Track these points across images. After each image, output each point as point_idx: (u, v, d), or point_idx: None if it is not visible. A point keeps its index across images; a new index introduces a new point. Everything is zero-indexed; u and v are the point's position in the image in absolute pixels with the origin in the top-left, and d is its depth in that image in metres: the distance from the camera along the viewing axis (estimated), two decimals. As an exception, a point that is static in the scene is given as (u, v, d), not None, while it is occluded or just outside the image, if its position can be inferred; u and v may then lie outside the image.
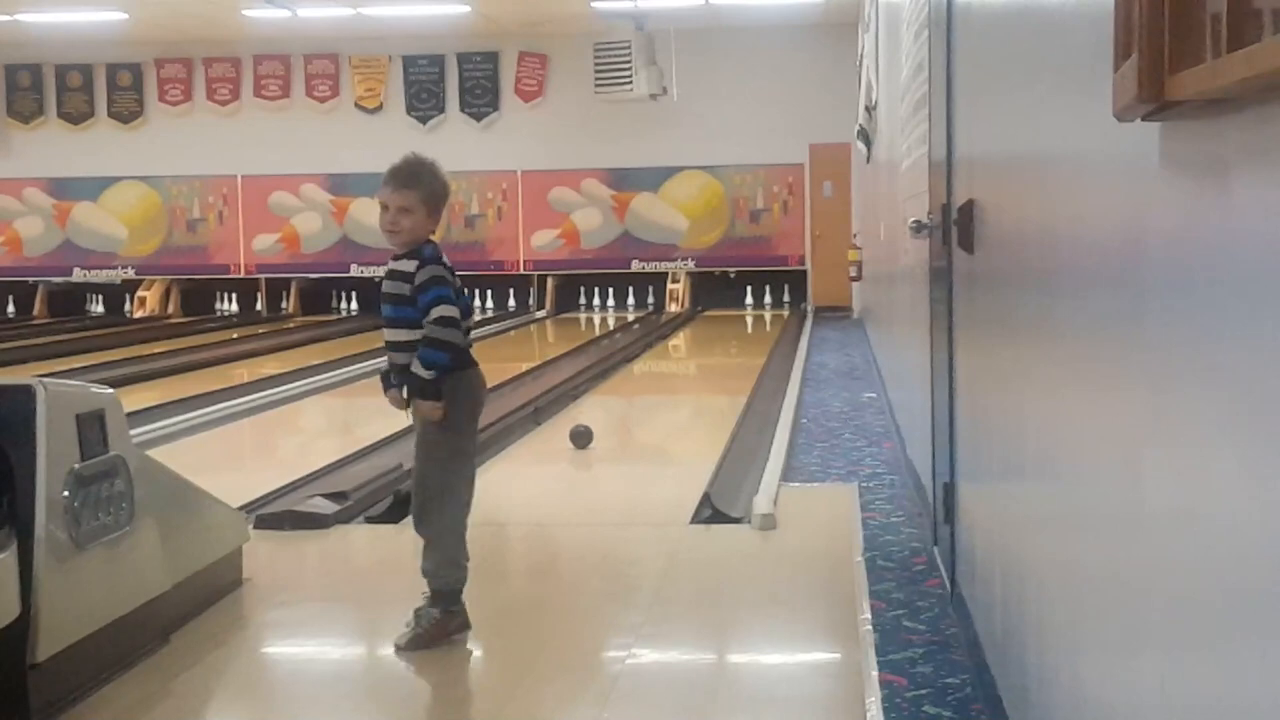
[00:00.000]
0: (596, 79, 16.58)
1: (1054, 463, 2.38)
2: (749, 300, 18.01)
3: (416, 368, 3.61)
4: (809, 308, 17.45)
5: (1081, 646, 2.15)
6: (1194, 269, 1.45)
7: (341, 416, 9.21)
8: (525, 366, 11.08)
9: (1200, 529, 1.43)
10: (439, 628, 3.67)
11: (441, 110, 18.14)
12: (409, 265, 3.67)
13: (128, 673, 3.43)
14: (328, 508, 5.27)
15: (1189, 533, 1.48)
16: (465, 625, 3.73)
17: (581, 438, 7.09)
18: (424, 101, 18.14)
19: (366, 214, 17.88)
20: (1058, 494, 2.36)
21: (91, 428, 3.39)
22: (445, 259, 3.72)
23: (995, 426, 3.18)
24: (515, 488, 6.27)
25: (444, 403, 3.63)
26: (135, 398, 8.07)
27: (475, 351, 3.83)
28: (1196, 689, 1.46)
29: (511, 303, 18.22)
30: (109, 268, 18.62)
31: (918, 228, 4.73)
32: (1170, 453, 1.56)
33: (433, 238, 3.78)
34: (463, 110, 18.12)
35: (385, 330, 3.76)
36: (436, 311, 3.61)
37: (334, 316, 17.76)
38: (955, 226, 3.81)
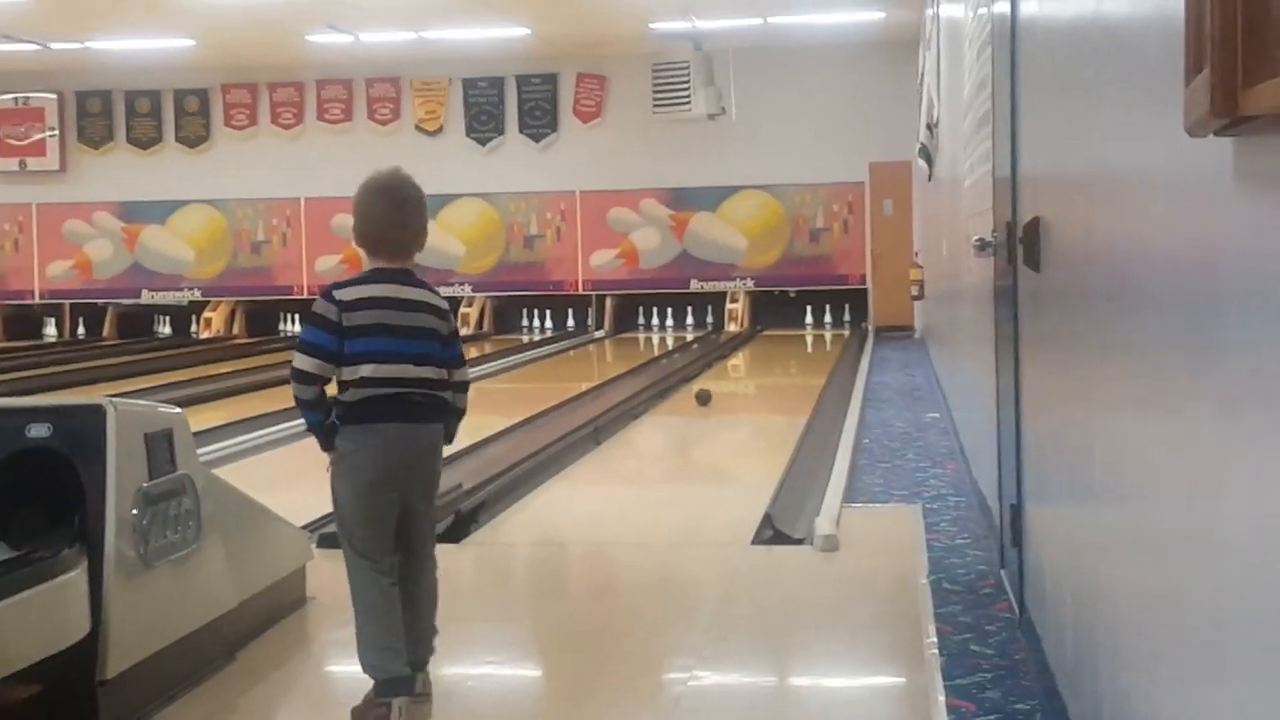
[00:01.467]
0: (655, 99, 16.62)
1: (1125, 484, 2.34)
2: (809, 320, 17.94)
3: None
4: (870, 327, 17.34)
5: (1156, 672, 2.11)
6: (1268, 286, 1.42)
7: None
8: (584, 386, 11.10)
9: (1278, 552, 1.40)
10: (358, 711, 3.25)
11: (501, 132, 18.25)
12: (433, 296, 3.44)
13: (194, 689, 3.46)
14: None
15: (1266, 556, 1.45)
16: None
17: (704, 397, 8.09)
18: (483, 123, 18.26)
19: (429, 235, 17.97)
20: (1129, 516, 2.32)
21: (159, 447, 3.43)
22: (330, 292, 3.27)
23: (1064, 447, 3.14)
24: (575, 507, 6.27)
25: (330, 460, 3.29)
26: (202, 417, 8.16)
27: (536, 371, 3.71)
28: (1277, 718, 1.43)
29: (570, 323, 18.26)
30: (176, 289, 18.87)
31: (981, 246, 4.69)
32: (1245, 474, 1.53)
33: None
34: (522, 131, 18.22)
35: (411, 368, 3.28)
36: (466, 374, 3.46)
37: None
38: (1020, 244, 3.77)
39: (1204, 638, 1.77)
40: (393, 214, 3.32)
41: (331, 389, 3.29)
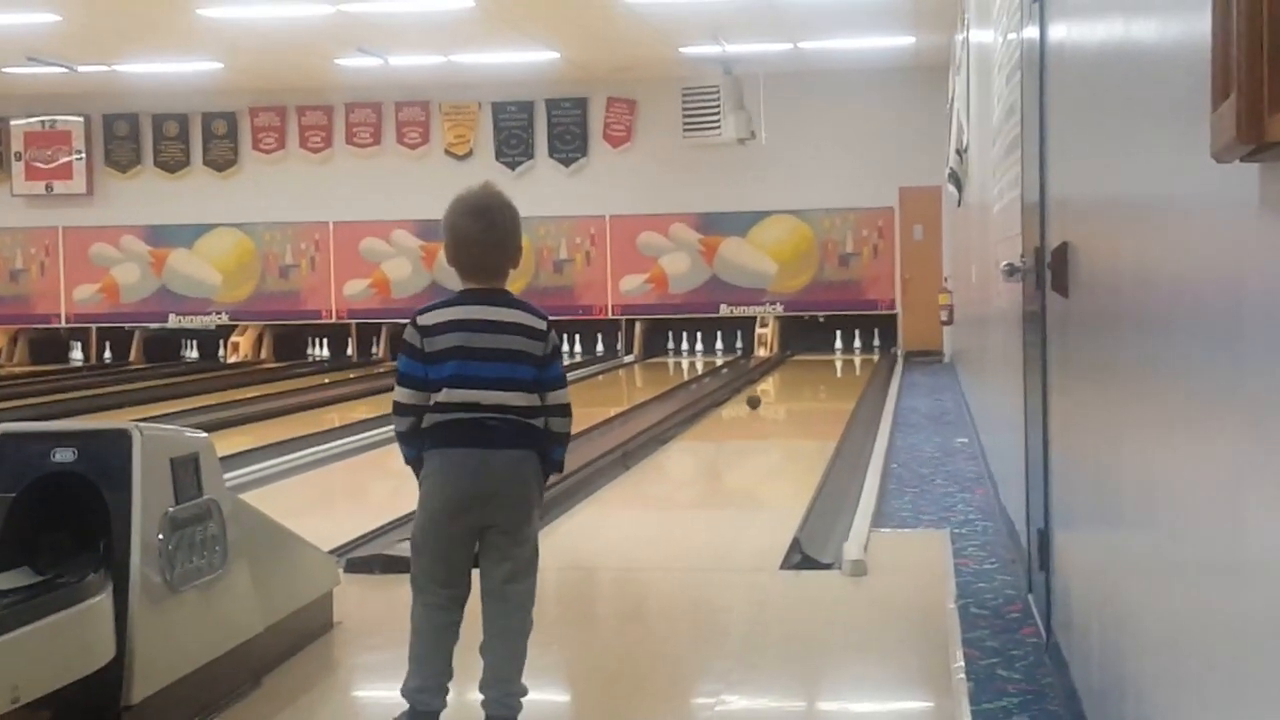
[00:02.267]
0: (685, 123, 16.66)
1: (1154, 509, 2.32)
2: (838, 344, 17.90)
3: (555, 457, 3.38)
4: (899, 352, 17.30)
5: (1184, 699, 2.09)
6: (1298, 312, 1.41)
7: (431, 460, 9.23)
8: (614, 411, 11.10)
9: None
10: None
11: (530, 156, 18.32)
12: (528, 317, 3.30)
13: (220, 715, 3.46)
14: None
15: (1297, 584, 1.43)
16: None
17: (754, 402, 8.18)
18: (513, 147, 18.34)
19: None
20: (1158, 541, 2.30)
21: (186, 471, 3.45)
22: (415, 317, 3.21)
23: (1092, 472, 3.12)
24: (604, 532, 6.26)
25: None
26: (229, 442, 8.20)
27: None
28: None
29: (600, 347, 18.28)
30: (203, 314, 18.99)
31: (1010, 271, 4.67)
32: (1271, 499, 1.51)
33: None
34: (551, 156, 18.29)
35: (489, 394, 3.18)
36: (563, 396, 3.31)
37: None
38: (1049, 270, 3.76)
39: (1230, 664, 1.75)
40: (484, 233, 3.21)
41: None
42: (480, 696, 3.25)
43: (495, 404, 3.13)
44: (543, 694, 3.93)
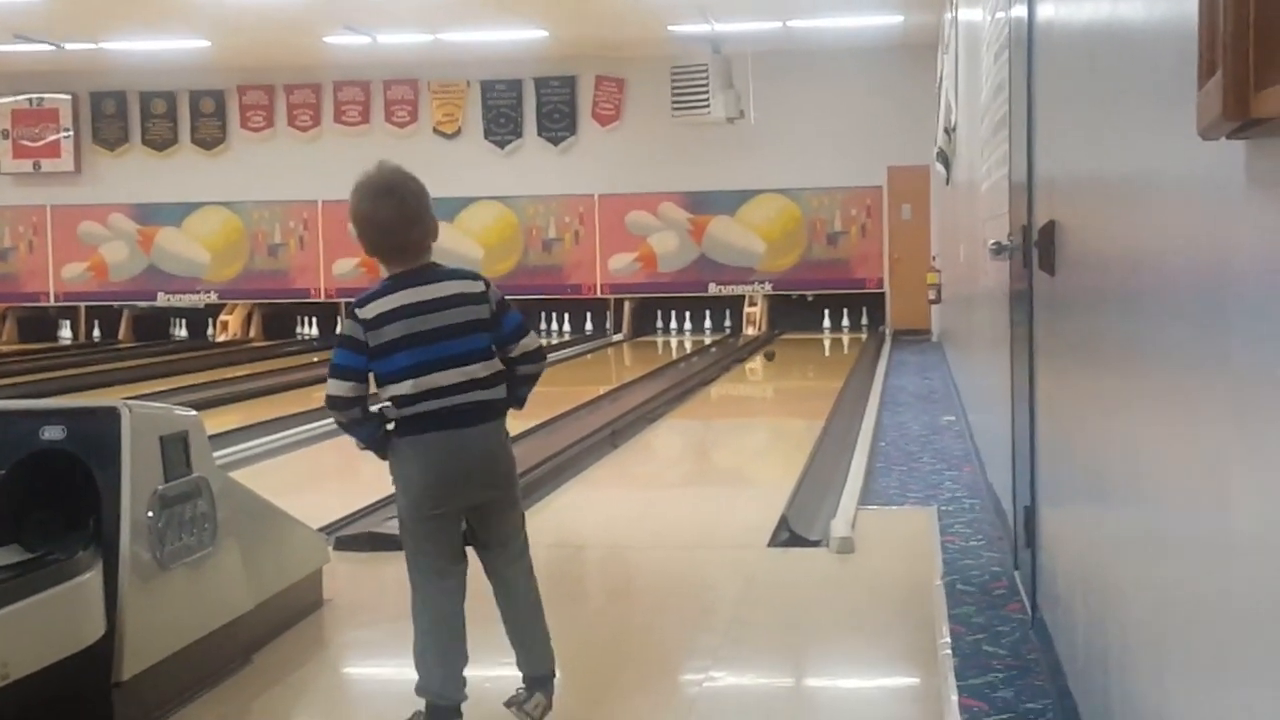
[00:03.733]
0: (673, 102, 16.62)
1: (1138, 486, 2.34)
2: (827, 323, 17.92)
3: (519, 402, 3.30)
4: (887, 331, 17.33)
5: (1167, 673, 2.11)
6: (1278, 289, 1.42)
7: (420, 439, 9.24)
8: (602, 389, 11.11)
9: (1290, 555, 1.40)
10: None
11: (519, 134, 18.28)
12: (468, 284, 3.24)
13: (210, 692, 3.47)
14: (406, 529, 5.29)
15: (1276, 557, 1.44)
16: None
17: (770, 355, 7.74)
18: (502, 126, 18.30)
19: (445, 238, 18.04)
20: (1142, 518, 2.32)
21: (175, 449, 3.45)
22: (353, 310, 3.13)
23: (1077, 450, 3.14)
24: (592, 510, 6.28)
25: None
26: (218, 420, 8.20)
27: (554, 374, 3.60)
28: (1288, 719, 1.42)
29: (589, 326, 18.28)
30: (192, 292, 18.94)
31: (998, 249, 4.68)
32: (1257, 476, 1.52)
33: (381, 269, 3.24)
34: (540, 134, 18.24)
35: (454, 373, 3.12)
36: (530, 342, 3.25)
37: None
38: (1036, 248, 3.77)
39: (1214, 639, 1.76)
40: (397, 213, 3.10)
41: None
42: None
43: (458, 382, 3.06)
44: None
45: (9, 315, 19.26)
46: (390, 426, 3.10)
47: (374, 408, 3.13)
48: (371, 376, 3.11)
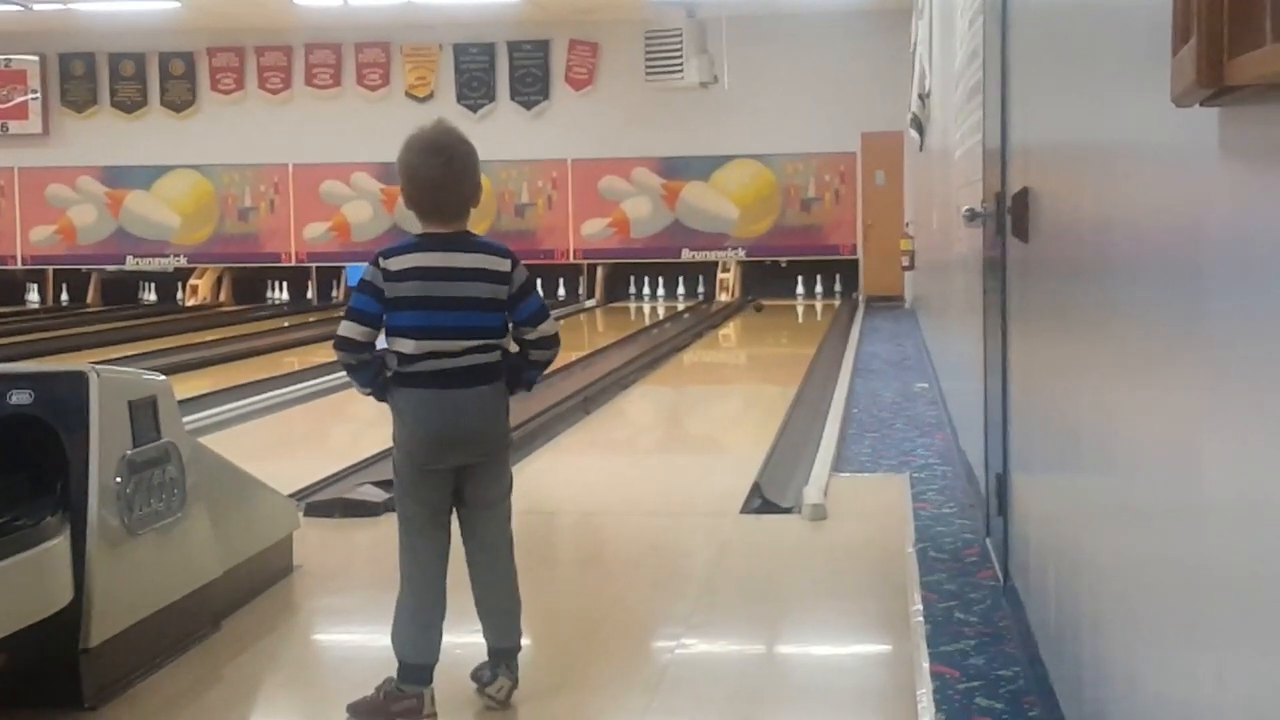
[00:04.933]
0: (647, 67, 16.54)
1: (1110, 453, 2.34)
2: (800, 290, 17.93)
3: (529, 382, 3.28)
4: (860, 297, 17.35)
5: (1137, 638, 2.11)
6: (1252, 257, 1.41)
7: (392, 404, 9.22)
8: (575, 356, 11.09)
9: (1259, 520, 1.40)
10: (378, 704, 3.09)
11: (492, 99, 18.17)
12: (493, 261, 3.19)
13: (179, 658, 3.46)
14: (378, 495, 5.28)
15: (1247, 524, 1.45)
16: (417, 714, 3.08)
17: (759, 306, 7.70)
18: (474, 90, 18.18)
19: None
20: (1114, 485, 2.32)
21: (144, 414, 3.42)
22: (378, 259, 3.10)
23: (1050, 417, 3.14)
24: (564, 477, 6.27)
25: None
26: (187, 385, 8.15)
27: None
28: (1255, 682, 1.43)
29: (561, 292, 18.23)
30: (161, 256, 18.79)
31: (971, 216, 4.68)
32: (1228, 443, 1.53)
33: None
34: (513, 99, 18.14)
35: (457, 342, 3.12)
36: (548, 329, 3.20)
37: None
38: (1009, 215, 3.77)
39: (1183, 604, 1.77)
40: (443, 173, 3.06)
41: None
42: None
43: (458, 350, 3.06)
44: (503, 636, 3.95)
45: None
46: (389, 374, 3.11)
47: (379, 346, 3.13)
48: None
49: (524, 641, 3.26)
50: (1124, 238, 2.21)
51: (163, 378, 3.69)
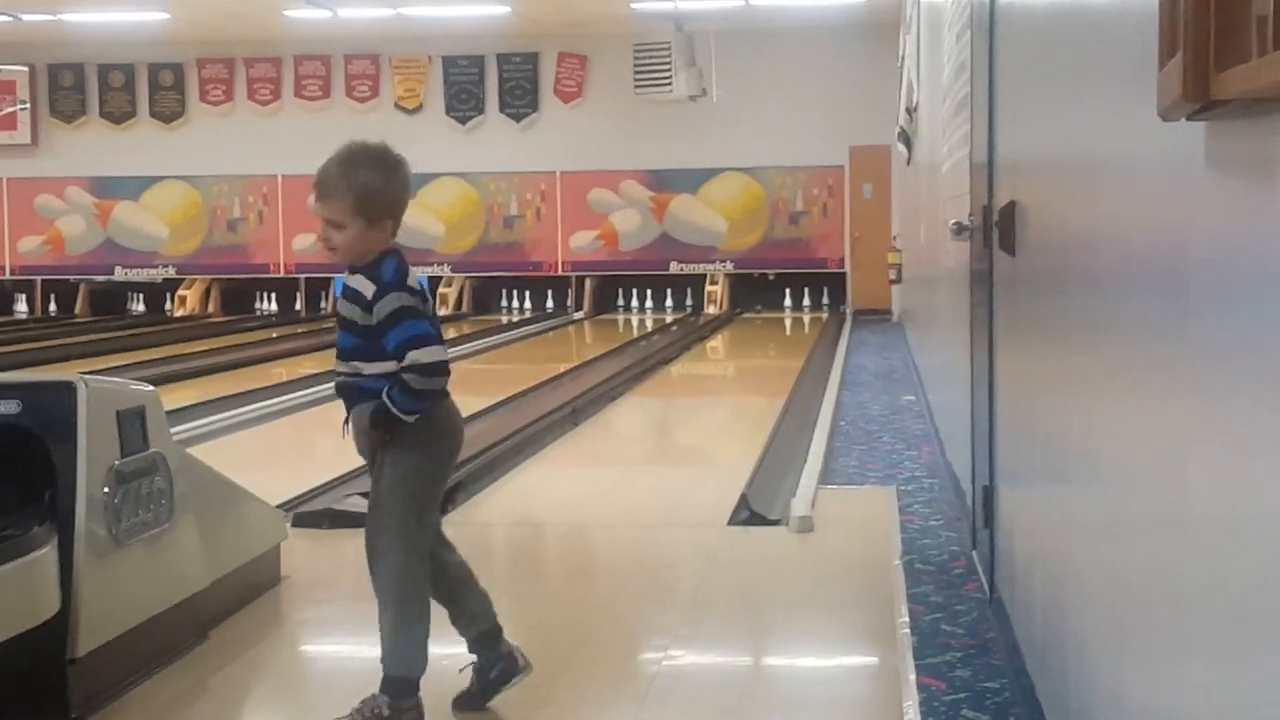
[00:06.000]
0: (636, 80, 16.58)
1: (1097, 466, 2.35)
2: (788, 302, 17.96)
3: (386, 400, 2.96)
4: (848, 310, 17.39)
5: (1124, 652, 2.12)
6: (1239, 270, 1.42)
7: (380, 416, 9.21)
8: (563, 367, 11.09)
9: (1247, 534, 1.41)
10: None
11: (481, 111, 18.18)
12: (366, 286, 2.96)
13: (167, 668, 3.45)
14: (366, 506, 5.27)
15: (1235, 538, 1.46)
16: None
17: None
18: (463, 102, 18.20)
19: (406, 214, 18.00)
20: (1101, 498, 2.33)
21: (132, 425, 3.41)
22: (410, 276, 3.00)
23: (1036, 430, 3.15)
24: (552, 488, 6.27)
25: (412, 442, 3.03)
26: (175, 396, 8.12)
27: (515, 351, 3.56)
28: (1243, 698, 1.44)
29: (550, 304, 18.25)
30: (150, 266, 18.77)
31: (958, 229, 4.69)
32: (1216, 457, 1.53)
33: (390, 247, 3.04)
34: (502, 111, 18.16)
35: (338, 362, 3.06)
36: (416, 356, 2.91)
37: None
38: (996, 228, 3.78)
39: (1170, 618, 1.78)
40: (404, 189, 3.06)
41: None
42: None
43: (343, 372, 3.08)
44: (491, 648, 3.94)
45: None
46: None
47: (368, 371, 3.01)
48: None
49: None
50: (1111, 251, 2.22)
51: (151, 388, 3.68)
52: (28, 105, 18.77)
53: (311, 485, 5.78)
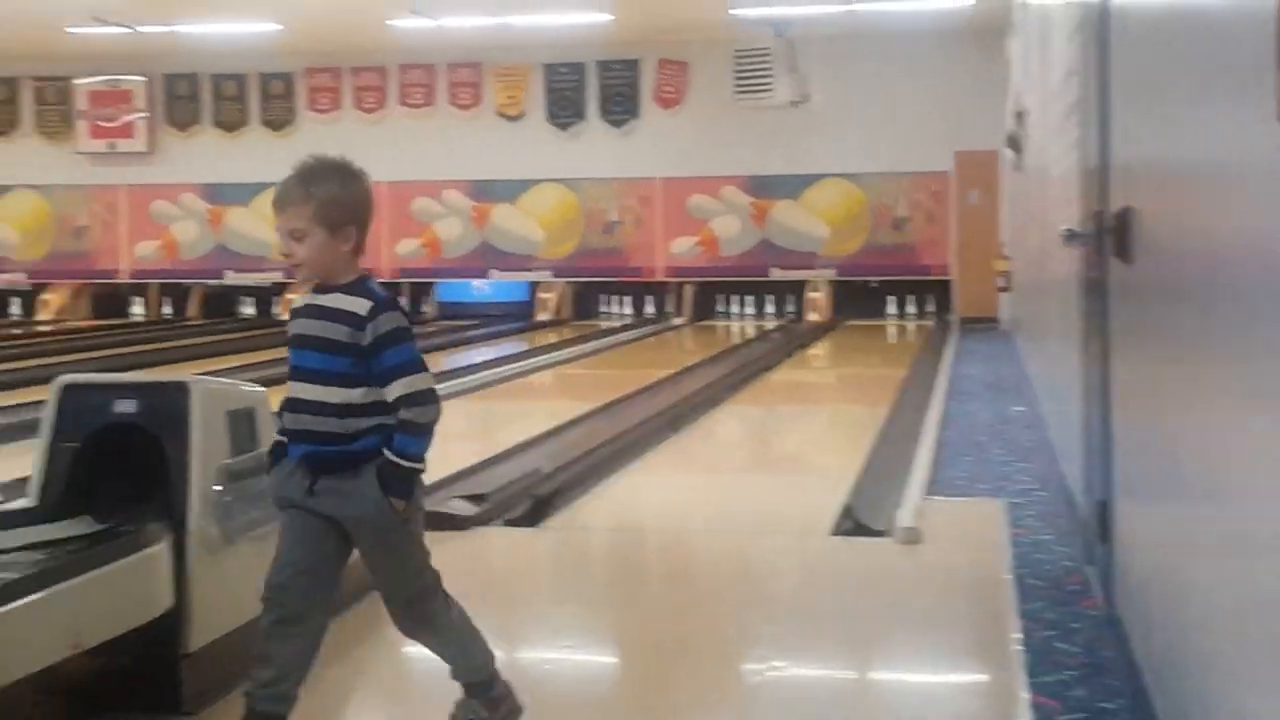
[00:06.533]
0: (736, 86, 16.53)
1: (1221, 481, 2.28)
2: (891, 310, 17.77)
3: (395, 459, 2.80)
4: (954, 318, 17.16)
5: (1249, 675, 2.05)
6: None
7: (481, 419, 9.30)
8: (662, 374, 11.08)
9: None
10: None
11: (581, 117, 18.26)
12: (355, 304, 2.80)
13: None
14: (466, 509, 5.31)
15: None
16: (516, 709, 3.10)
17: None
18: (564, 109, 18.29)
19: (506, 219, 18.19)
20: (1225, 514, 2.26)
21: (242, 425, 3.46)
22: (402, 305, 2.90)
23: (1156, 443, 3.07)
24: (651, 495, 6.26)
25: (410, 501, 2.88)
26: (282, 397, 8.23)
27: (614, 357, 3.53)
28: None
29: (649, 309, 18.25)
30: (259, 270, 19.10)
31: (1070, 236, 4.60)
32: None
33: (358, 269, 2.91)
34: (602, 117, 18.22)
35: (299, 385, 2.84)
36: (413, 383, 2.78)
37: (471, 321, 17.91)
38: (1111, 235, 3.70)
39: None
40: (368, 201, 3.02)
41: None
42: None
43: None
44: (589, 654, 3.94)
45: (84, 292, 19.53)
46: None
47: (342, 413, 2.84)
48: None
49: (611, 659, 3.26)
50: (1231, 258, 2.15)
51: (261, 389, 3.73)
52: (145, 114, 19.22)
53: (415, 487, 5.80)
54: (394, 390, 2.76)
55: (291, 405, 2.85)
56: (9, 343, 15.17)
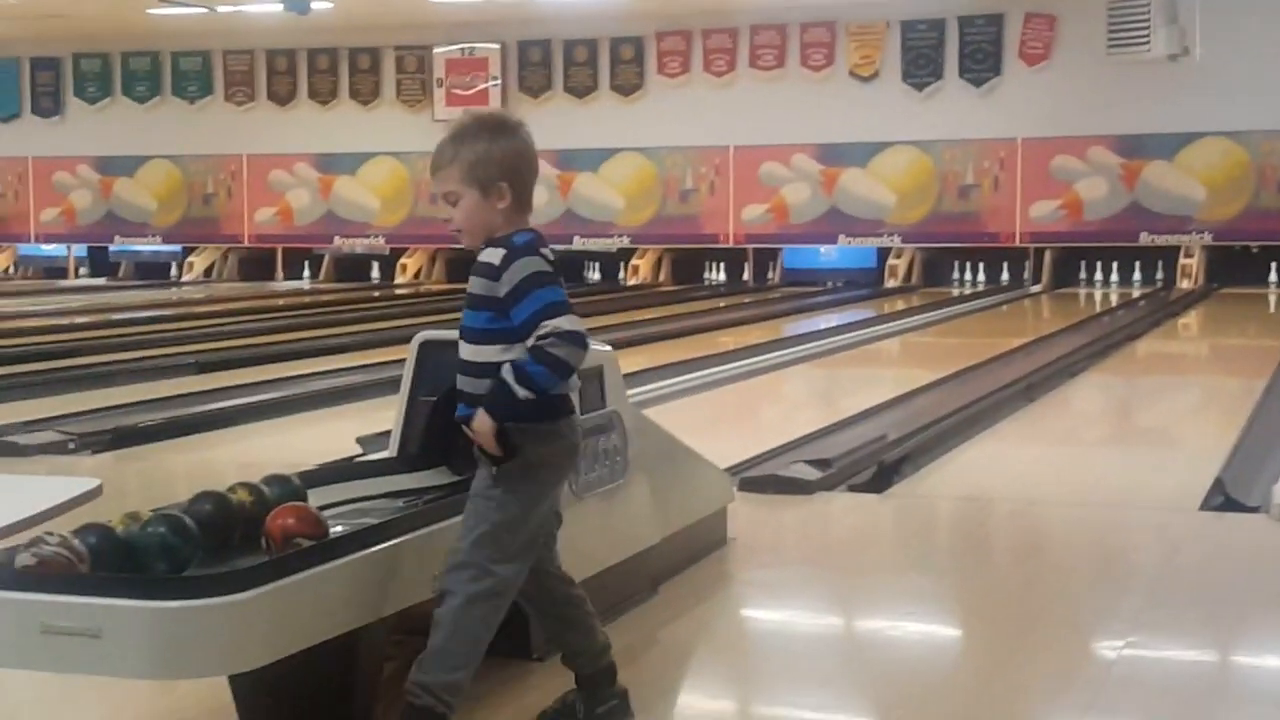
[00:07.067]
0: (1109, 40, 15.65)
1: None
2: (1273, 277, 16.51)
3: (508, 376, 2.65)
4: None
5: None
6: None
7: (824, 386, 9.23)
8: (1017, 342, 10.70)
9: None
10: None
11: (939, 76, 17.77)
12: (492, 255, 2.72)
13: (618, 619, 3.55)
14: (811, 474, 5.27)
15: None
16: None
17: None
18: (921, 68, 17.84)
19: (854, 184, 17.94)
20: None
21: (591, 384, 3.52)
22: (547, 251, 2.77)
23: None
24: (1002, 465, 6.06)
25: (515, 458, 2.71)
26: (627, 361, 8.40)
27: (966, 325, 3.22)
28: None
29: (1005, 276, 17.63)
30: (605, 236, 19.52)
31: None
32: None
33: (522, 226, 2.81)
34: (961, 76, 17.68)
35: (461, 346, 2.79)
36: (556, 324, 2.65)
37: (816, 288, 17.77)
38: None
39: None
40: (523, 155, 2.90)
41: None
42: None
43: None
44: (933, 624, 3.85)
45: (438, 256, 20.33)
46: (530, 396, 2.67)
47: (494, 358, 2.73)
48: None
49: (956, 630, 3.15)
50: None
51: (609, 348, 3.79)
52: (499, 82, 19.91)
53: (756, 451, 5.83)
54: (534, 338, 2.65)
55: (460, 371, 2.80)
56: (369, 305, 16.14)
